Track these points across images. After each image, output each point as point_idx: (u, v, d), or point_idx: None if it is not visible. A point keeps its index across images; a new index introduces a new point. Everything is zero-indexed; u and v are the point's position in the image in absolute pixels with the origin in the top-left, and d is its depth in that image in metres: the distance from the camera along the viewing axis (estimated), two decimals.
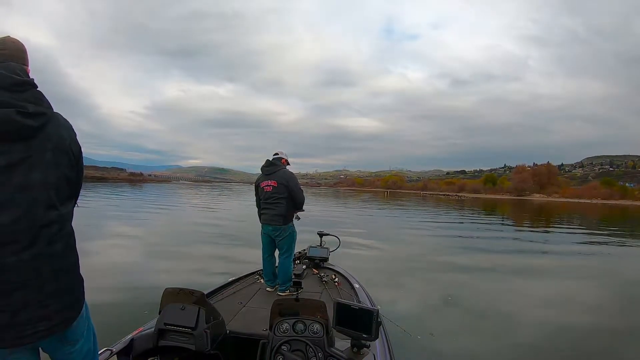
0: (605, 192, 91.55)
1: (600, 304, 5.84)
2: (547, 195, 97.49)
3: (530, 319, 4.89)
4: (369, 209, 30.22)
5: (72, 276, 1.34)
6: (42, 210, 1.23)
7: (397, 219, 21.55)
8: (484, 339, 4.25)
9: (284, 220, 3.73)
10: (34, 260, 1.21)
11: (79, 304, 1.36)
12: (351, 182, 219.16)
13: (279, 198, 3.72)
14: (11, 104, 1.20)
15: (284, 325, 2.11)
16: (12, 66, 1.27)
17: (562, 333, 4.43)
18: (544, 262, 9.61)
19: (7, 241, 1.17)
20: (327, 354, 2.01)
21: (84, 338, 1.42)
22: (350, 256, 7.69)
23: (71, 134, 1.36)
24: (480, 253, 10.43)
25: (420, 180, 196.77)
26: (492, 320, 4.90)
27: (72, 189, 1.38)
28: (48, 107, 1.30)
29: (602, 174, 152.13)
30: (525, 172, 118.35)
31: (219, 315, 2.22)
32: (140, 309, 4.00)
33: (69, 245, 1.33)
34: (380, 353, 2.20)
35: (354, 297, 3.31)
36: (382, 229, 15.73)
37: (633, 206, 63.45)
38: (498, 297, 5.94)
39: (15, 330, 1.19)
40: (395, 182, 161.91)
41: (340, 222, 16.48)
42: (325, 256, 4.51)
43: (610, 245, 13.73)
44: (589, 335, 4.45)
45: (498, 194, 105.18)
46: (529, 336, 4.33)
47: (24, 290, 1.19)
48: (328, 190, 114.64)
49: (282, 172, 3.79)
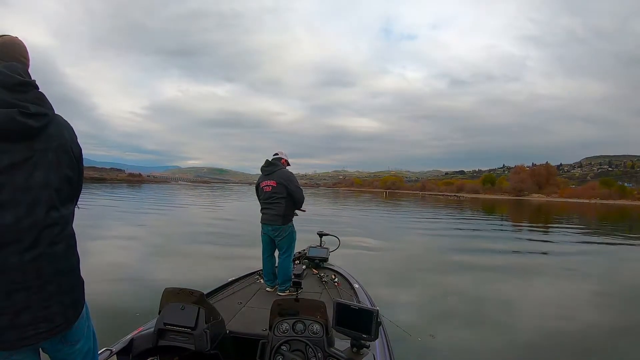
0: (603, 192, 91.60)
1: (600, 304, 5.86)
2: (546, 196, 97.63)
3: (529, 318, 4.92)
4: (368, 209, 30.21)
5: (74, 277, 1.34)
6: (44, 211, 1.23)
7: (396, 219, 21.56)
8: (484, 339, 4.26)
9: (283, 220, 3.73)
10: (36, 261, 1.21)
11: (79, 305, 1.36)
12: (350, 182, 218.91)
13: (278, 198, 3.72)
14: (13, 104, 1.20)
15: (283, 325, 2.11)
16: (14, 66, 1.27)
17: (561, 333, 4.44)
18: (543, 261, 9.66)
19: (10, 241, 1.17)
20: (327, 354, 2.01)
21: (84, 338, 1.42)
22: (350, 256, 7.70)
23: (72, 135, 1.37)
24: (480, 253, 10.44)
25: (419, 180, 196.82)
26: (492, 320, 4.90)
27: (73, 190, 1.38)
28: (50, 108, 1.30)
29: (601, 174, 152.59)
30: (524, 173, 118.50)
31: (218, 315, 2.22)
32: (140, 309, 4.00)
33: (70, 246, 1.33)
34: (380, 353, 2.20)
35: (354, 297, 3.31)
36: (381, 229, 15.72)
37: (631, 206, 63.57)
38: (498, 297, 5.96)
39: (17, 332, 1.18)
40: (394, 182, 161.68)
41: (340, 222, 16.49)
42: (325, 256, 4.51)
43: (609, 244, 13.78)
44: (589, 336, 4.46)
45: (497, 194, 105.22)
46: (528, 335, 4.34)
47: (25, 291, 1.19)
48: (327, 190, 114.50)
49: (281, 171, 3.80)
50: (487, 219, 25.59)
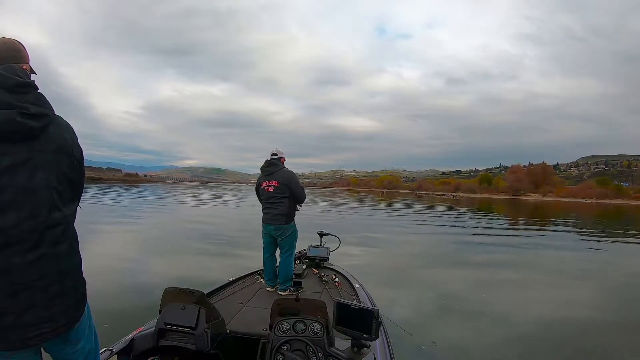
0: (600, 191, 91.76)
1: (598, 302, 5.90)
2: (542, 195, 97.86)
3: (528, 316, 4.94)
4: (366, 209, 30.24)
5: (76, 277, 1.35)
6: (46, 211, 1.23)
7: (394, 219, 21.58)
8: (483, 338, 4.27)
9: (286, 220, 3.77)
10: (39, 261, 1.21)
11: (82, 305, 1.37)
12: (347, 182, 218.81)
13: (281, 198, 3.76)
14: (13, 105, 1.20)
15: (284, 325, 2.11)
16: (13, 67, 1.27)
17: (561, 333, 4.47)
18: (542, 260, 9.69)
19: (12, 242, 1.17)
20: (327, 353, 2.01)
21: (86, 337, 1.42)
22: (351, 256, 7.70)
23: (73, 136, 1.37)
24: (478, 252, 10.49)
25: (416, 180, 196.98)
26: (491, 320, 4.92)
27: (75, 191, 1.38)
28: (50, 108, 1.30)
29: (597, 174, 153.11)
30: (521, 172, 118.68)
31: (219, 315, 2.22)
32: (141, 309, 3.99)
33: (73, 246, 1.34)
34: (381, 353, 2.20)
35: (354, 297, 3.32)
36: (380, 229, 15.73)
37: (627, 205, 63.92)
38: (497, 296, 5.98)
39: (21, 332, 1.18)
40: (390, 182, 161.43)
41: (339, 222, 16.50)
42: (325, 256, 4.52)
43: (605, 242, 13.88)
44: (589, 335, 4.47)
45: (493, 194, 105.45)
46: (528, 333, 4.37)
47: (29, 291, 1.19)
48: (324, 190, 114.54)
49: (282, 171, 3.84)
50: (484, 218, 25.66)
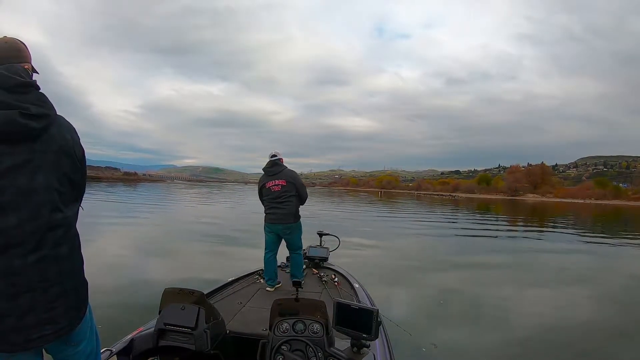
0: (598, 192, 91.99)
1: (597, 303, 5.93)
2: (541, 195, 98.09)
3: (527, 316, 4.97)
4: (364, 209, 30.24)
5: (78, 278, 1.34)
6: (47, 212, 1.22)
7: (393, 219, 21.60)
8: (483, 338, 4.28)
9: (295, 218, 3.90)
10: (40, 263, 1.20)
11: (84, 306, 1.36)
12: (346, 182, 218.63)
13: (289, 196, 3.86)
14: (14, 105, 1.18)
15: (283, 325, 2.11)
16: (14, 67, 1.26)
17: (561, 332, 4.48)
18: (541, 260, 9.71)
19: (13, 244, 1.16)
20: (327, 353, 2.01)
21: (87, 339, 1.42)
22: (350, 256, 7.70)
23: (74, 136, 1.35)
24: (478, 252, 10.51)
25: (415, 180, 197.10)
26: (491, 320, 4.93)
27: (77, 191, 1.37)
28: (51, 108, 1.29)
29: (596, 174, 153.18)
30: (519, 172, 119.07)
31: (218, 315, 2.22)
32: (140, 309, 3.98)
33: (75, 247, 1.33)
34: (380, 353, 2.21)
35: (354, 297, 3.32)
36: (379, 228, 15.74)
37: (626, 206, 64.09)
38: (497, 296, 6.00)
39: (22, 334, 1.18)
40: (389, 182, 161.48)
41: (339, 222, 16.50)
42: (325, 256, 4.52)
43: (603, 243, 13.89)
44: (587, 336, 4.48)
45: (492, 194, 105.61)
46: (527, 334, 4.37)
47: (30, 293, 1.18)
48: (322, 190, 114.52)
49: (287, 170, 3.96)
50: (482, 218, 25.71)
